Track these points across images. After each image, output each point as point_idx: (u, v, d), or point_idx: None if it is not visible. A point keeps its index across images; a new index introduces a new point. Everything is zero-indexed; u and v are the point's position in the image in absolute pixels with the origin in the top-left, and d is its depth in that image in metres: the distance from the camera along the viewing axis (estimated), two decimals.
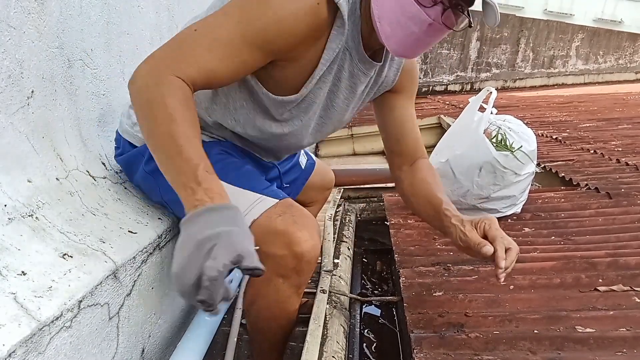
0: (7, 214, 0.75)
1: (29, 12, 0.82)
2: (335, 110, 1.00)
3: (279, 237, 0.87)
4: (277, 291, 0.93)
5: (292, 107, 0.93)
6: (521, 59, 8.29)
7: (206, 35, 0.76)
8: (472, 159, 1.60)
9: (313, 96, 0.92)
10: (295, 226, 0.87)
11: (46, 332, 0.64)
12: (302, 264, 0.88)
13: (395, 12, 0.77)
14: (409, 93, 1.09)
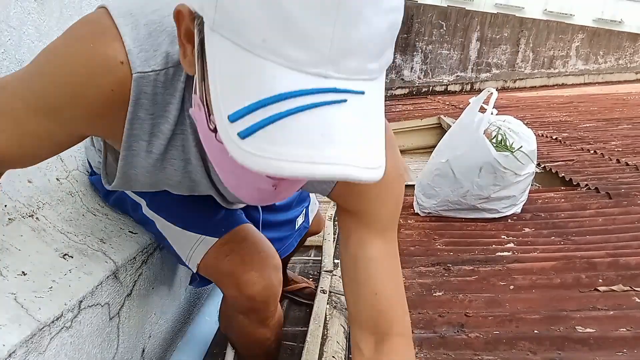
0: (8, 214, 0.75)
1: (29, 12, 0.82)
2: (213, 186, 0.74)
3: (228, 279, 0.83)
4: (240, 326, 0.92)
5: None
6: (521, 59, 8.29)
7: None
8: (472, 159, 1.60)
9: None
10: (244, 267, 0.81)
11: (46, 332, 0.64)
12: (256, 304, 0.84)
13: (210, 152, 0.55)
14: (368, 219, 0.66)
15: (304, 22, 0.36)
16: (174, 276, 1.14)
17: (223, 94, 0.39)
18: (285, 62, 0.37)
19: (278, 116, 0.37)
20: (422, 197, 1.78)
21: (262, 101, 0.37)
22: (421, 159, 4.00)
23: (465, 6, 8.27)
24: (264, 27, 0.37)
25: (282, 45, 0.37)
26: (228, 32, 0.39)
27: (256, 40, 0.37)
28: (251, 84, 0.38)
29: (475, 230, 1.63)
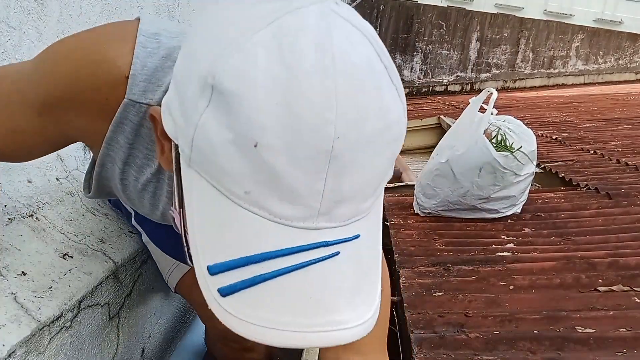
0: (7, 214, 0.75)
1: (29, 12, 0.82)
2: None
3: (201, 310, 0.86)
4: (222, 353, 0.93)
5: None
6: (521, 60, 8.30)
7: None
8: (472, 159, 1.60)
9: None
10: None
11: (46, 332, 0.64)
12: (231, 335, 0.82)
13: None
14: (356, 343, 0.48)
15: (292, 178, 0.32)
16: None
17: (201, 239, 0.36)
18: (271, 216, 0.34)
19: (262, 278, 0.33)
20: (422, 197, 1.78)
21: (245, 259, 0.34)
22: (421, 159, 4.00)
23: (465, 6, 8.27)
24: (246, 179, 0.33)
25: (267, 200, 0.33)
26: (206, 174, 0.35)
27: (238, 191, 0.33)
28: (232, 237, 0.34)
29: (475, 231, 1.63)
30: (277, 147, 0.32)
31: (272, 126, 0.31)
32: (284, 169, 0.32)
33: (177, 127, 0.36)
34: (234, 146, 0.32)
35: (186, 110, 0.35)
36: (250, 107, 0.31)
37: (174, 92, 0.37)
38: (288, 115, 0.31)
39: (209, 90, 0.33)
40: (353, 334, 0.35)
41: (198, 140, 0.34)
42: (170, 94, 0.38)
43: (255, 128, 0.31)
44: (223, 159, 0.33)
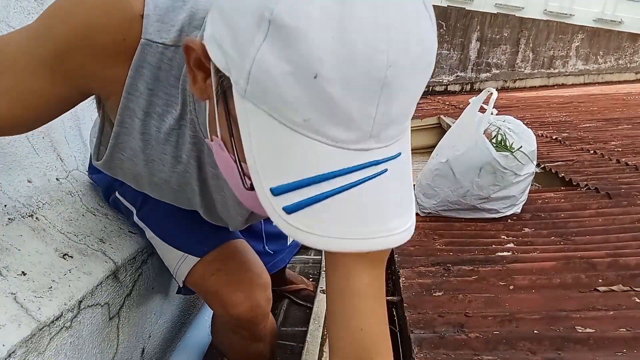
0: (7, 214, 0.75)
1: (29, 12, 0.82)
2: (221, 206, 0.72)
3: (214, 299, 0.83)
4: (231, 342, 0.91)
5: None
6: (521, 59, 8.30)
7: None
8: (472, 159, 1.60)
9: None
10: (229, 287, 0.80)
11: (46, 332, 0.64)
12: (243, 323, 0.83)
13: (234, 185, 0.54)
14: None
15: (347, 105, 0.35)
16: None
17: (262, 165, 0.38)
18: (328, 140, 0.37)
19: (324, 196, 0.37)
20: (422, 197, 1.78)
21: (307, 180, 0.37)
22: (421, 159, 4.00)
23: (465, 6, 8.27)
24: (305, 107, 0.35)
25: (325, 126, 0.36)
26: (264, 105, 0.36)
27: (297, 119, 0.36)
28: (293, 161, 0.37)
29: (475, 230, 1.63)
30: (335, 78, 0.34)
31: (329, 58, 0.33)
32: (341, 97, 0.35)
33: (229, 60, 0.38)
34: (293, 77, 0.34)
35: (240, 44, 0.36)
36: (308, 40, 0.33)
37: (222, 26, 0.38)
38: (343, 47, 0.33)
39: (265, 25, 0.34)
40: (401, 239, 0.40)
41: (256, 73, 0.35)
42: (216, 28, 0.39)
43: (314, 60, 0.34)
44: (283, 90, 0.35)
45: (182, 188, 0.68)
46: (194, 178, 0.65)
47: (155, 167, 0.64)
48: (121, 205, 0.92)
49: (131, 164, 0.65)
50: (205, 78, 0.44)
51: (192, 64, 0.43)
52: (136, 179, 0.70)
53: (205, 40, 0.40)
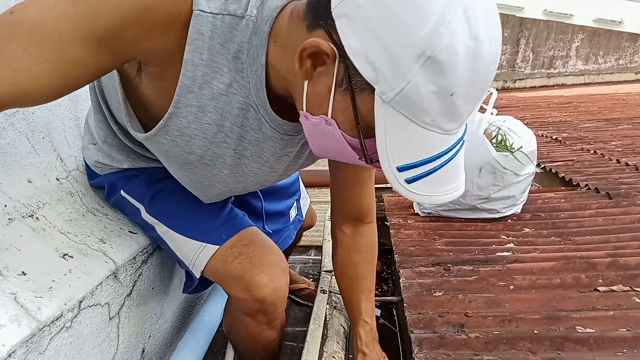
0: (7, 214, 0.75)
1: None
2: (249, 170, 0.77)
3: (237, 282, 0.83)
4: (247, 328, 0.91)
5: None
6: (521, 60, 8.30)
7: (25, 23, 0.52)
8: (472, 159, 1.60)
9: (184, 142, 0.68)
10: (253, 269, 0.82)
11: (46, 332, 0.64)
12: (265, 306, 0.84)
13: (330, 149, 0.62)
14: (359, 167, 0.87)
15: (463, 110, 0.51)
16: (174, 276, 1.14)
17: (392, 150, 0.53)
18: (441, 131, 0.52)
19: (434, 169, 0.54)
20: None
21: (425, 160, 0.53)
22: None
23: None
24: (436, 113, 0.50)
25: (443, 122, 0.51)
26: (402, 109, 0.50)
27: (427, 120, 0.50)
28: (417, 147, 0.53)
29: (475, 230, 1.63)
30: (462, 94, 0.49)
31: (463, 82, 0.48)
32: (462, 106, 0.50)
33: (380, 76, 0.49)
34: (436, 95, 0.49)
35: (398, 69, 0.48)
36: (453, 70, 0.47)
37: (379, 51, 0.48)
38: (472, 73, 0.48)
39: (424, 59, 0.47)
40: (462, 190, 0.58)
41: (407, 91, 0.48)
42: (370, 49, 0.49)
43: (454, 85, 0.48)
44: (425, 103, 0.49)
45: (214, 162, 0.72)
46: (231, 148, 0.70)
47: (196, 142, 0.68)
48: (127, 204, 0.91)
49: (172, 144, 0.69)
50: (314, 66, 0.55)
51: (306, 55, 0.54)
52: (168, 156, 0.73)
53: (354, 54, 0.50)
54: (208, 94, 0.62)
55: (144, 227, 0.93)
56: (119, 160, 0.88)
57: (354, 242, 0.97)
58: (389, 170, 0.54)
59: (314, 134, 0.61)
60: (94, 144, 0.90)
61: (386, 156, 0.53)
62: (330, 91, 0.54)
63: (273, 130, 0.68)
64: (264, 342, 0.96)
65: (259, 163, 0.74)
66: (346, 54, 0.50)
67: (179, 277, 1.17)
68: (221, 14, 0.56)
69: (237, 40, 0.58)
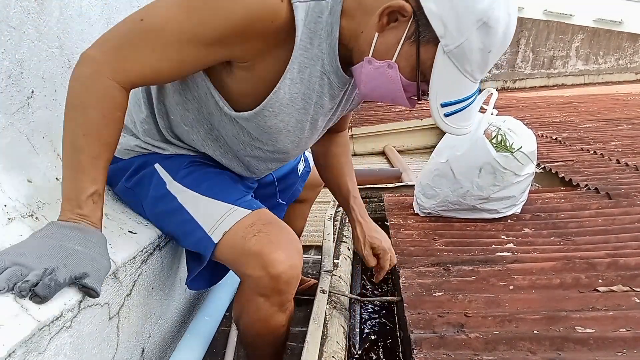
0: (7, 214, 0.75)
1: (29, 12, 0.83)
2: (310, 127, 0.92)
3: (254, 259, 0.84)
4: (258, 309, 0.91)
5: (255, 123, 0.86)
6: (521, 60, 8.29)
7: (152, 30, 0.69)
8: (472, 159, 1.60)
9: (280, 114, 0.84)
10: (271, 246, 0.84)
11: (46, 332, 0.64)
12: (280, 284, 0.86)
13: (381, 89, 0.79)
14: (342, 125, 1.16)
15: (490, 63, 0.72)
16: (174, 276, 1.14)
17: (439, 89, 0.73)
18: (472, 79, 0.73)
19: (464, 107, 0.76)
20: (422, 197, 1.78)
21: (458, 100, 0.74)
22: (421, 159, 4.00)
23: None
24: (475, 64, 0.71)
25: (476, 72, 0.72)
26: (455, 59, 0.70)
27: (468, 69, 0.71)
28: (456, 89, 0.74)
29: (474, 231, 1.63)
30: (495, 52, 0.71)
31: (499, 43, 0.70)
32: (491, 61, 0.72)
33: (447, 32, 0.68)
34: (480, 51, 0.69)
35: (462, 28, 0.67)
36: (495, 34, 0.68)
37: (451, 13, 0.67)
38: (504, 37, 0.70)
39: (481, 23, 0.67)
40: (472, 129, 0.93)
41: (464, 45, 0.68)
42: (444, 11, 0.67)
43: (493, 45, 0.69)
44: (472, 56, 0.69)
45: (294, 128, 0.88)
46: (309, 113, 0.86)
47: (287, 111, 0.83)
48: (154, 177, 0.93)
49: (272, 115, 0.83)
50: (388, 22, 0.71)
51: (387, 12, 0.70)
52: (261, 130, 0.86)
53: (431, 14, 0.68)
54: (296, 68, 0.77)
55: (161, 200, 0.93)
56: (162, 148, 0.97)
57: (332, 141, 1.19)
58: (435, 105, 0.74)
59: (372, 76, 0.77)
60: (132, 135, 0.97)
61: (435, 93, 0.73)
62: (399, 42, 0.71)
63: (339, 89, 0.86)
64: (273, 326, 0.95)
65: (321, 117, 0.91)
66: (424, 13, 0.68)
67: (179, 277, 1.17)
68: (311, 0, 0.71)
69: (318, 19, 0.73)
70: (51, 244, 0.66)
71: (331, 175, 1.22)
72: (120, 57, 0.70)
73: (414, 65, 0.72)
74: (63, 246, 0.67)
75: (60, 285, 0.65)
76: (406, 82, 0.75)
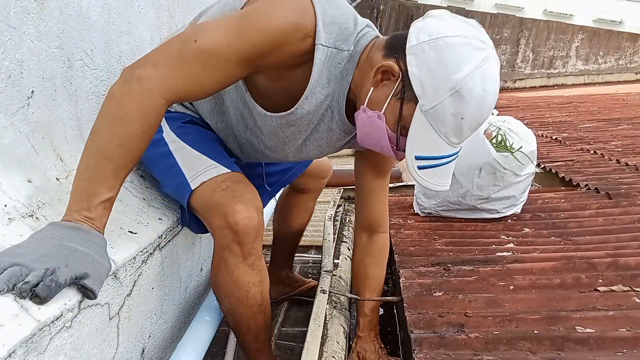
0: (7, 214, 0.75)
1: (29, 12, 0.82)
2: (307, 149, 1.04)
3: (217, 209, 0.94)
4: (225, 265, 0.98)
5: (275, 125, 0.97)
6: (521, 60, 8.30)
7: (206, 50, 0.77)
8: (472, 159, 1.60)
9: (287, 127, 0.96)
10: (233, 200, 0.94)
11: (46, 332, 0.64)
12: (239, 235, 0.93)
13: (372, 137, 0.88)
14: (381, 168, 1.15)
15: (466, 131, 0.81)
16: (174, 276, 1.14)
17: (415, 143, 0.82)
18: (448, 142, 0.81)
19: (437, 165, 0.84)
20: (422, 198, 1.78)
21: (432, 157, 0.83)
22: None
23: (465, 6, 8.26)
24: (449, 128, 0.79)
25: (451, 137, 0.81)
26: (430, 119, 0.79)
27: (442, 130, 0.79)
28: (430, 146, 0.82)
29: (475, 231, 1.63)
30: (468, 121, 0.79)
31: (472, 113, 0.78)
32: (467, 129, 0.80)
33: (424, 95, 0.78)
34: (453, 116, 0.78)
35: (437, 93, 0.77)
36: (467, 104, 0.77)
37: (429, 79, 0.77)
38: (478, 109, 0.78)
39: (454, 91, 0.76)
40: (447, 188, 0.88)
41: (437, 108, 0.77)
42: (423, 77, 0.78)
43: (466, 113, 0.78)
44: (446, 119, 0.78)
45: (289, 138, 1.00)
46: (306, 132, 0.98)
47: (297, 125, 0.95)
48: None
49: (286, 124, 0.95)
50: (382, 80, 0.82)
51: (381, 70, 0.81)
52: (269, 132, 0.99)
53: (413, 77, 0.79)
54: (314, 98, 0.89)
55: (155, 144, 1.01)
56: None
57: (368, 248, 1.22)
58: (410, 156, 0.83)
59: (365, 123, 0.87)
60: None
61: (411, 146, 0.82)
62: (388, 97, 0.82)
63: (338, 126, 0.96)
64: (243, 284, 0.99)
65: (315, 146, 1.03)
66: (408, 76, 0.79)
67: (179, 277, 1.17)
68: (333, 48, 0.83)
69: (338, 65, 0.86)
70: (52, 243, 0.67)
71: (356, 283, 1.27)
72: (173, 76, 0.76)
73: (397, 119, 0.82)
74: (64, 245, 0.67)
75: (61, 286, 0.65)
76: (391, 134, 0.84)
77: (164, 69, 0.76)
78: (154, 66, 0.76)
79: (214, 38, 0.77)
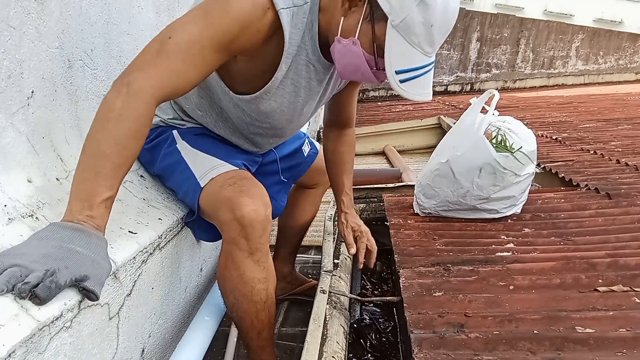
0: (7, 214, 0.75)
1: (29, 12, 0.82)
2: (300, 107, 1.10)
3: (225, 204, 0.97)
4: (232, 258, 1.00)
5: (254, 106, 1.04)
6: (521, 60, 8.30)
7: (181, 42, 0.81)
8: (472, 159, 1.60)
9: (274, 97, 1.02)
10: (240, 194, 0.97)
11: (46, 332, 0.64)
12: (246, 228, 0.96)
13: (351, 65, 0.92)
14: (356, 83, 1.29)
15: (437, 39, 0.86)
16: (174, 276, 1.14)
17: (393, 59, 0.86)
18: (423, 52, 0.86)
19: (417, 76, 0.88)
20: (422, 198, 1.78)
21: (412, 68, 0.87)
22: (421, 159, 4.00)
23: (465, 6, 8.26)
24: (421, 37, 0.84)
25: (425, 46, 0.85)
26: (402, 32, 0.83)
27: (415, 41, 0.84)
28: (407, 59, 0.86)
29: (474, 231, 1.63)
30: (437, 27, 0.83)
31: (439, 19, 0.83)
32: (437, 36, 0.85)
33: (392, 10, 0.82)
34: (423, 25, 0.82)
35: (403, 6, 0.81)
36: (434, 10, 0.81)
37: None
38: (444, 14, 0.83)
39: (419, 1, 0.80)
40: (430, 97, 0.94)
41: (408, 19, 0.81)
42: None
43: (435, 19, 0.82)
44: (416, 29, 0.82)
45: (288, 109, 1.06)
46: (300, 95, 1.04)
47: (281, 94, 1.01)
48: (167, 140, 1.12)
49: (271, 99, 1.01)
50: (349, 7, 0.87)
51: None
52: (259, 112, 1.05)
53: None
54: (287, 61, 0.93)
55: (169, 155, 1.11)
56: (181, 124, 1.16)
57: (340, 139, 1.38)
58: (390, 72, 0.87)
59: (342, 53, 0.91)
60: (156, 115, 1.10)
61: (389, 62, 0.86)
62: (359, 22, 0.87)
63: (323, 72, 1.01)
64: (245, 275, 1.01)
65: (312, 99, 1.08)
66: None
67: (179, 277, 1.18)
68: (293, 7, 0.87)
69: (303, 19, 0.90)
70: (52, 244, 0.67)
71: (332, 169, 1.40)
72: (159, 73, 0.80)
73: (372, 40, 0.87)
74: (64, 247, 0.67)
75: (61, 288, 0.65)
76: (369, 57, 0.89)
77: (149, 70, 0.80)
78: (139, 70, 0.80)
79: (185, 31, 0.82)
